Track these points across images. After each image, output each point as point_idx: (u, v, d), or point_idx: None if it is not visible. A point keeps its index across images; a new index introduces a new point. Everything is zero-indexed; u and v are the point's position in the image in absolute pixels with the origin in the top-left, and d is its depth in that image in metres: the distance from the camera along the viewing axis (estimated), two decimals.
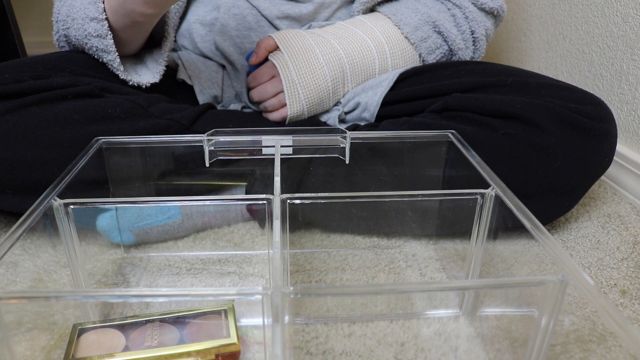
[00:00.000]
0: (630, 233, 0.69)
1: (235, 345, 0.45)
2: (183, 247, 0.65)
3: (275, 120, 0.73)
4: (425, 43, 0.76)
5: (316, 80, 0.71)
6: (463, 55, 0.78)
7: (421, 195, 0.49)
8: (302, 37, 0.73)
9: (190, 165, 0.63)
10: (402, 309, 0.54)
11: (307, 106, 0.71)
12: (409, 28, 0.76)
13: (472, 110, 0.63)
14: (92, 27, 0.63)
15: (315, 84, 0.71)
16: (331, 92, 0.73)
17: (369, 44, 0.75)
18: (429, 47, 0.77)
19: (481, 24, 0.78)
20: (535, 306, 0.37)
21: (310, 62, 0.70)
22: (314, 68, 0.70)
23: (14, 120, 0.58)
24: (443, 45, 0.77)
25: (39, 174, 0.58)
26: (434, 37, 0.76)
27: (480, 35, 0.78)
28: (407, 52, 0.77)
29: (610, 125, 0.61)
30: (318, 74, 0.71)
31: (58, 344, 0.49)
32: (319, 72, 0.71)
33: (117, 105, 0.61)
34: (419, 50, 0.77)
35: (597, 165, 0.62)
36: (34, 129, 0.58)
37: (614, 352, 0.49)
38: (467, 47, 0.78)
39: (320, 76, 0.71)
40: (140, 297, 0.33)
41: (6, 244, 0.38)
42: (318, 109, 0.74)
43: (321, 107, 0.74)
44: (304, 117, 0.74)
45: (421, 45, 0.76)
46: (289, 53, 0.70)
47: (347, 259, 0.63)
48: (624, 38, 0.81)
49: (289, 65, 0.69)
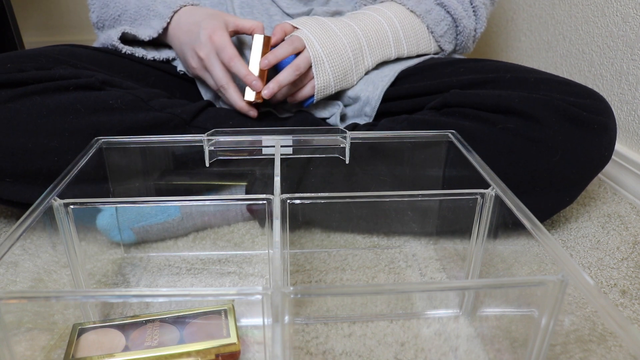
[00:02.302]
0: (630, 233, 0.69)
1: (235, 345, 0.45)
2: (183, 247, 0.65)
3: (304, 96, 0.72)
4: (430, 15, 0.78)
5: (338, 51, 0.71)
6: (467, 24, 0.80)
7: (421, 195, 0.49)
8: (316, 18, 0.74)
9: (190, 165, 0.63)
10: (402, 309, 0.54)
11: (333, 77, 0.71)
12: (412, 2, 0.78)
13: (471, 106, 0.63)
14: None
15: (337, 55, 0.71)
16: (353, 64, 0.73)
17: (378, 19, 0.76)
18: (434, 19, 0.78)
19: None
20: (535, 306, 0.37)
21: (329, 36, 0.71)
22: (334, 40, 0.71)
23: (16, 108, 0.58)
24: (447, 17, 0.79)
25: (38, 162, 0.59)
26: (437, 9, 0.78)
27: (479, 4, 0.80)
28: (415, 24, 0.78)
29: (609, 119, 0.61)
30: (339, 46, 0.71)
31: (58, 344, 0.49)
32: (339, 44, 0.71)
33: (118, 97, 0.62)
34: (426, 21, 0.78)
35: (596, 159, 0.62)
36: (35, 118, 0.58)
37: (614, 352, 0.49)
38: (469, 16, 0.80)
39: (341, 47, 0.71)
40: (140, 297, 0.33)
41: (6, 244, 0.38)
42: (344, 82, 0.74)
43: (345, 81, 0.74)
44: (332, 91, 0.73)
45: (427, 17, 0.78)
46: (308, 29, 0.71)
47: (347, 259, 0.63)
48: (624, 38, 0.81)
49: (311, 38, 0.70)
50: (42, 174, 0.59)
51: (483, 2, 0.81)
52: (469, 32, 0.81)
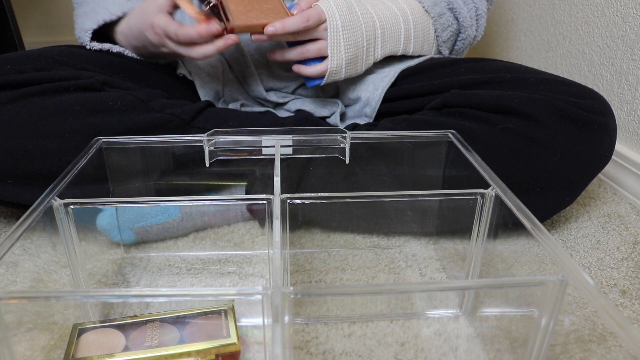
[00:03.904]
0: (630, 233, 0.69)
1: (235, 345, 0.45)
2: (183, 247, 0.65)
3: (312, 74, 0.71)
4: (441, 19, 0.78)
5: (355, 35, 0.71)
6: (469, 33, 0.80)
7: (421, 195, 0.49)
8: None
9: (190, 165, 0.63)
10: (402, 309, 0.54)
11: (345, 61, 0.71)
12: (429, 2, 0.78)
13: (470, 106, 0.63)
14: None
15: (354, 39, 0.71)
16: (365, 52, 0.73)
17: (396, 12, 0.76)
18: (443, 24, 0.79)
19: (482, 2, 0.82)
20: (535, 306, 0.37)
21: (352, 17, 0.71)
22: (354, 23, 0.71)
23: (16, 110, 0.58)
24: (454, 23, 0.80)
25: (39, 164, 0.59)
26: (448, 14, 0.79)
27: (482, 13, 0.81)
28: (426, 25, 0.78)
29: (609, 119, 0.61)
30: (357, 30, 0.71)
31: (58, 344, 0.49)
32: (358, 28, 0.71)
33: (117, 98, 0.62)
34: (436, 25, 0.78)
35: (596, 159, 0.62)
36: (35, 119, 0.58)
37: (614, 352, 0.49)
38: (472, 25, 0.81)
39: (359, 32, 0.71)
40: (140, 297, 0.33)
41: (6, 244, 0.38)
42: (352, 70, 0.73)
43: (355, 68, 0.73)
44: (341, 77, 0.72)
45: (438, 20, 0.78)
46: (335, 2, 0.70)
47: (347, 259, 0.63)
48: (624, 38, 0.81)
49: (336, 14, 0.69)
50: (42, 175, 0.59)
51: (484, 12, 0.82)
52: (469, 40, 0.81)
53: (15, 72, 0.60)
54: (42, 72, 0.61)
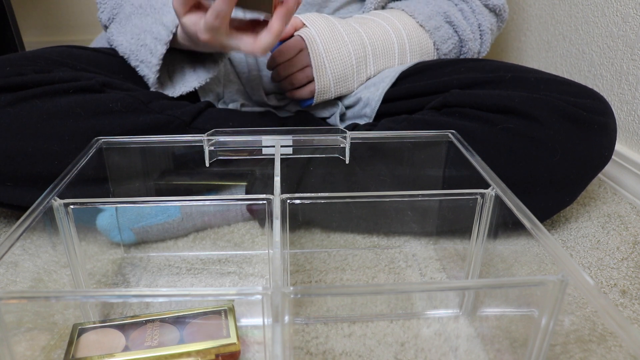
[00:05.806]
0: (630, 233, 0.69)
1: (235, 345, 0.45)
2: (183, 247, 0.65)
3: (302, 97, 0.73)
4: (439, 32, 0.79)
5: (341, 56, 0.72)
6: (472, 46, 0.80)
7: (421, 195, 0.49)
8: (326, 18, 0.74)
9: (190, 165, 0.63)
10: (402, 309, 0.54)
11: (333, 81, 0.71)
12: (422, 17, 0.78)
13: (470, 106, 0.63)
14: (157, 30, 0.65)
15: (340, 59, 0.72)
16: (355, 71, 0.74)
17: (387, 29, 0.77)
18: (442, 37, 0.79)
19: (487, 18, 0.82)
20: (535, 306, 0.37)
21: (335, 38, 0.72)
22: (339, 44, 0.72)
23: (16, 113, 0.58)
24: (454, 36, 0.80)
25: (39, 166, 0.59)
26: (446, 27, 0.79)
27: (486, 29, 0.81)
28: (422, 39, 0.78)
29: (609, 118, 0.61)
30: (343, 50, 0.72)
31: (58, 344, 0.49)
32: (343, 48, 0.72)
33: (118, 100, 0.62)
34: (433, 38, 0.79)
35: (596, 159, 0.62)
36: (35, 122, 0.58)
37: (614, 352, 0.49)
38: (475, 39, 0.81)
39: (345, 52, 0.72)
40: (140, 297, 0.33)
41: (6, 244, 0.38)
42: (343, 89, 0.74)
43: (346, 86, 0.74)
44: (331, 96, 0.73)
45: (435, 33, 0.78)
46: (316, 29, 0.71)
47: (347, 259, 0.63)
48: (624, 38, 0.81)
49: (317, 39, 0.70)
50: (42, 177, 0.59)
51: (490, 28, 0.82)
52: (472, 54, 0.81)
53: (15, 74, 0.60)
54: (42, 74, 0.61)
